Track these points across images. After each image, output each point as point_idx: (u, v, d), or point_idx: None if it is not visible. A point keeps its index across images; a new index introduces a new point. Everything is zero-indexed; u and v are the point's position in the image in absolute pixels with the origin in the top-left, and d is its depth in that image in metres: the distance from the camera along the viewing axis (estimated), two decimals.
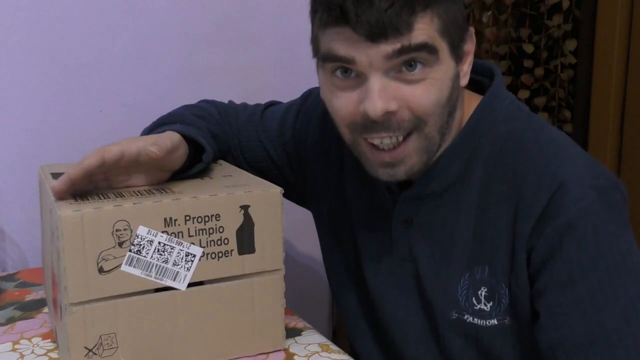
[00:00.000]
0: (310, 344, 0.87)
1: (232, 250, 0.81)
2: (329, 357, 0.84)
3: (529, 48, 2.00)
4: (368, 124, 0.78)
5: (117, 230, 0.75)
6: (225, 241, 0.80)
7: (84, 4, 1.20)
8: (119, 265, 0.76)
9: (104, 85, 1.24)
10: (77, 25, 1.19)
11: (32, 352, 0.84)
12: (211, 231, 0.79)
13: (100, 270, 0.75)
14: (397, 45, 0.74)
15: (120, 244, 0.75)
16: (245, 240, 0.81)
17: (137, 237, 0.76)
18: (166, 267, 0.78)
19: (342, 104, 0.79)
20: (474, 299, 0.84)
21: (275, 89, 1.38)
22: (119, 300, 0.76)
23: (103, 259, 0.75)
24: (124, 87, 1.25)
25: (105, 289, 0.75)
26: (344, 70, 0.78)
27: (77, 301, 0.74)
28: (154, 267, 0.77)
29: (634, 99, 1.88)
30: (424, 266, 0.88)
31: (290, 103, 1.08)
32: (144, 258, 0.77)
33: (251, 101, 1.17)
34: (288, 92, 1.14)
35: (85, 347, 0.76)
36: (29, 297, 1.02)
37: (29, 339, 0.88)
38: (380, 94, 0.75)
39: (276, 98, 1.15)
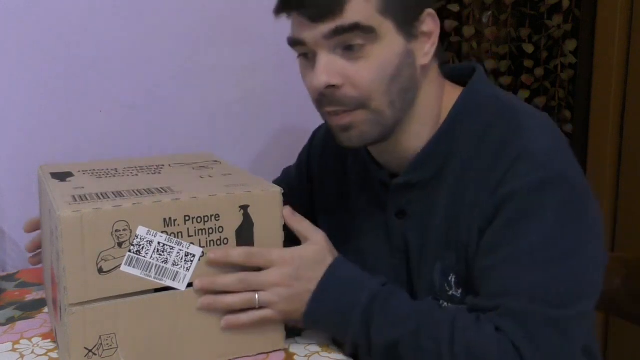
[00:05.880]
0: (310, 344, 0.87)
1: None
2: (329, 357, 0.84)
3: (529, 48, 2.00)
4: (321, 98, 0.85)
5: (116, 230, 0.75)
6: (225, 241, 0.80)
7: (84, 4, 1.20)
8: (119, 266, 0.76)
9: (104, 85, 1.24)
10: (77, 25, 1.19)
11: (32, 352, 0.84)
12: (211, 231, 0.79)
13: (100, 270, 0.75)
14: (333, 26, 0.81)
15: (120, 244, 0.75)
16: (245, 240, 0.81)
17: (137, 238, 0.76)
18: (166, 267, 0.78)
19: (307, 82, 0.87)
20: (446, 284, 0.86)
21: (275, 89, 1.38)
22: (119, 301, 0.76)
23: (103, 260, 0.75)
24: (124, 87, 1.25)
25: (105, 290, 0.75)
26: (305, 53, 0.86)
27: (77, 302, 0.74)
28: (153, 267, 0.77)
29: (634, 99, 1.88)
30: (412, 257, 0.91)
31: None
32: (144, 258, 0.77)
33: (251, 101, 1.17)
34: (288, 92, 1.14)
35: (85, 348, 0.76)
36: (29, 297, 1.02)
37: (29, 339, 0.88)
38: (324, 69, 0.82)
39: (276, 98, 1.15)
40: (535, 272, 0.78)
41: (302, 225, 0.86)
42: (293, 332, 0.90)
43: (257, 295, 0.82)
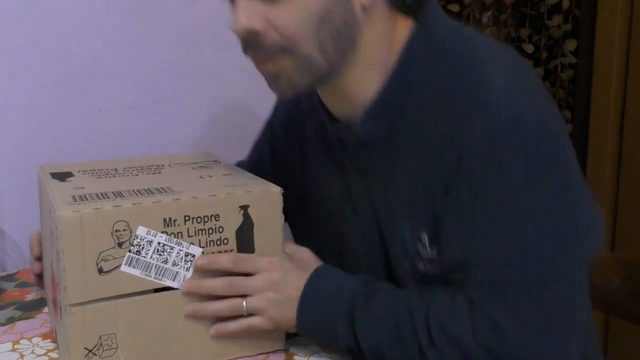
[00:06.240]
0: (310, 344, 0.87)
1: (231, 251, 0.81)
2: (329, 357, 0.84)
3: (529, 48, 2.00)
4: (245, 45, 0.79)
5: (116, 230, 0.75)
6: (225, 241, 0.80)
7: (84, 4, 1.20)
8: (119, 266, 0.76)
9: (104, 85, 1.24)
10: (77, 25, 1.19)
11: (32, 352, 0.84)
12: (211, 231, 0.79)
13: (100, 270, 0.75)
14: None
15: (120, 245, 0.75)
16: (245, 240, 0.81)
17: (137, 238, 0.76)
18: (166, 268, 0.78)
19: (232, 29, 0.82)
20: (419, 246, 0.81)
21: None
22: (119, 301, 0.76)
23: (103, 260, 0.75)
24: (124, 87, 1.25)
25: (105, 290, 0.75)
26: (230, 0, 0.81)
27: (77, 302, 0.74)
28: (153, 267, 0.77)
29: (634, 99, 1.88)
30: (382, 221, 0.86)
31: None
32: (144, 258, 0.77)
33: (251, 101, 1.17)
34: None
35: (85, 348, 0.76)
36: (29, 297, 1.02)
37: (29, 339, 0.88)
38: (242, 12, 0.77)
39: (276, 98, 1.14)
40: (505, 232, 0.72)
41: (287, 246, 0.85)
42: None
43: (244, 302, 0.81)
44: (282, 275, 0.82)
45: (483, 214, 0.73)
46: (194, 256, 0.79)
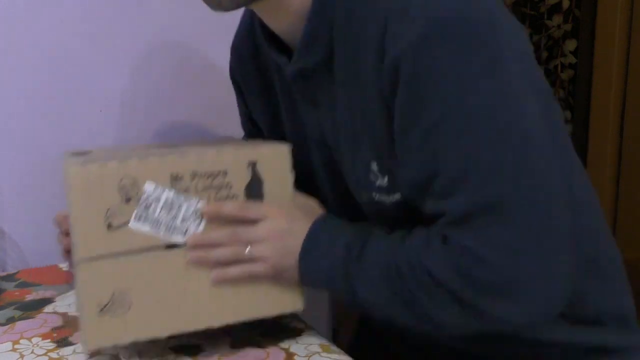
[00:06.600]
0: (310, 344, 0.87)
1: None
2: (329, 357, 0.84)
3: None
4: None
5: (123, 186, 0.75)
6: (234, 198, 0.80)
7: (85, 4, 1.20)
8: (128, 222, 0.75)
9: (104, 85, 1.24)
10: (77, 25, 1.19)
11: (32, 352, 0.84)
12: (219, 188, 0.79)
13: (109, 226, 0.74)
14: None
15: (127, 200, 0.75)
16: (255, 198, 0.81)
17: (145, 194, 0.76)
18: (175, 224, 0.77)
19: None
20: (370, 175, 0.79)
21: None
22: (130, 257, 0.76)
23: (111, 215, 0.74)
24: (124, 87, 1.25)
25: (114, 245, 0.75)
26: None
27: (87, 256, 0.74)
28: (162, 223, 0.77)
29: (634, 99, 1.88)
30: (334, 152, 0.84)
31: None
32: (152, 214, 0.76)
33: None
34: None
35: (98, 304, 0.75)
36: (29, 297, 1.02)
37: (29, 339, 0.88)
38: None
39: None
40: (457, 150, 0.67)
41: (295, 197, 0.83)
42: (293, 332, 0.90)
43: (248, 248, 0.80)
44: (287, 223, 0.80)
45: (432, 124, 0.67)
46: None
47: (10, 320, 0.94)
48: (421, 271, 0.71)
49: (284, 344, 0.86)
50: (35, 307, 0.98)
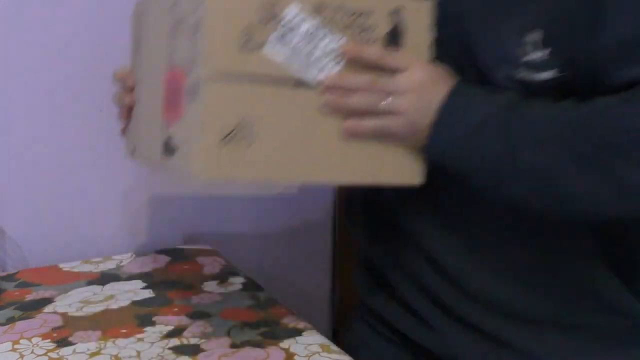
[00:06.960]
0: (310, 344, 0.87)
1: None
2: (329, 357, 0.84)
3: None
4: None
5: (265, 4, 0.70)
6: (374, 42, 0.75)
7: (85, 4, 1.20)
8: (263, 45, 0.70)
9: (104, 85, 1.23)
10: (77, 25, 1.19)
11: (32, 352, 0.84)
12: (361, 29, 0.74)
13: (243, 46, 0.69)
14: None
15: (267, 21, 0.70)
16: (393, 47, 0.76)
17: (285, 17, 0.71)
18: (312, 58, 0.73)
19: None
20: (523, 47, 0.73)
21: None
22: (260, 88, 0.71)
23: (247, 35, 0.70)
24: None
25: (245, 67, 0.70)
26: None
27: (216, 71, 0.69)
28: (299, 54, 0.72)
29: None
30: (467, 26, 0.78)
31: None
32: (290, 42, 0.71)
33: None
34: None
35: (222, 130, 0.70)
36: (29, 297, 1.02)
37: (29, 339, 0.88)
38: None
39: None
40: None
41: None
42: (293, 332, 0.90)
43: (388, 99, 0.74)
44: (429, 77, 0.75)
45: None
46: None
47: (10, 320, 0.94)
48: (618, 120, 0.66)
49: (284, 344, 0.86)
50: (35, 307, 0.98)
